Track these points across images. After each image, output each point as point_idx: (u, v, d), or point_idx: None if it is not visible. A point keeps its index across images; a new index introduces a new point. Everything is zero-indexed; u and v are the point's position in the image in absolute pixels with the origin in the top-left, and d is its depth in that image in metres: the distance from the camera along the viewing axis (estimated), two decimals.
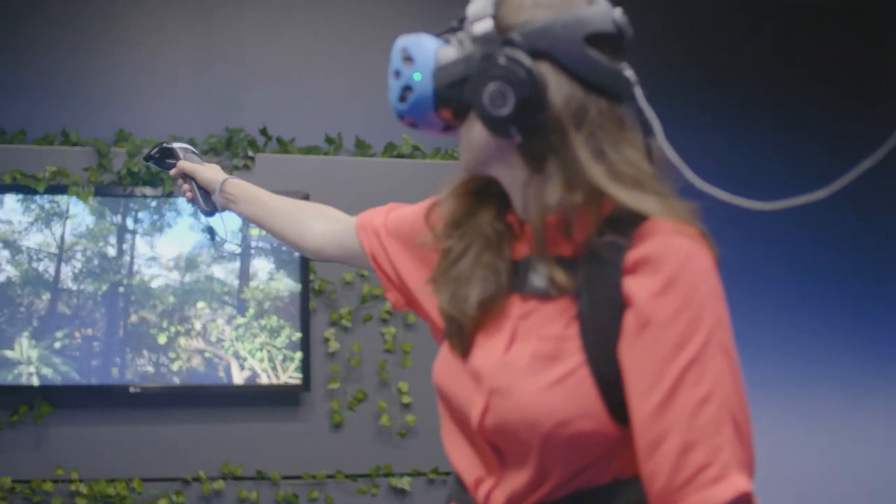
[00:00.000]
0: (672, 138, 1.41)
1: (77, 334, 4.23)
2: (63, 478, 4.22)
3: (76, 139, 4.35)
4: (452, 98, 1.43)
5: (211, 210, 2.11)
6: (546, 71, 1.35)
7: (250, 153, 4.45)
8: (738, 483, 1.22)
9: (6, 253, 4.19)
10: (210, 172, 2.10)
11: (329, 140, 4.59)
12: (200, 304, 4.33)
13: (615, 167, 1.35)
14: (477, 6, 1.42)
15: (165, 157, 2.16)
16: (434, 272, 1.55)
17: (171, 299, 4.30)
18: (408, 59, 1.46)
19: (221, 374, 4.33)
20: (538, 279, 1.44)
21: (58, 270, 4.22)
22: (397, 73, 1.46)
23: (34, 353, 4.19)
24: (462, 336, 1.48)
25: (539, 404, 1.34)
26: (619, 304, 1.33)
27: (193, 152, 2.15)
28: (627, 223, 1.35)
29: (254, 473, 4.36)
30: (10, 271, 4.20)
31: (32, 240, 4.21)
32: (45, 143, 4.34)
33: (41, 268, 4.22)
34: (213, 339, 4.32)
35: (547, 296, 1.42)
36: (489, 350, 1.45)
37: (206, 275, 4.33)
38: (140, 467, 4.29)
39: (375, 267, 1.79)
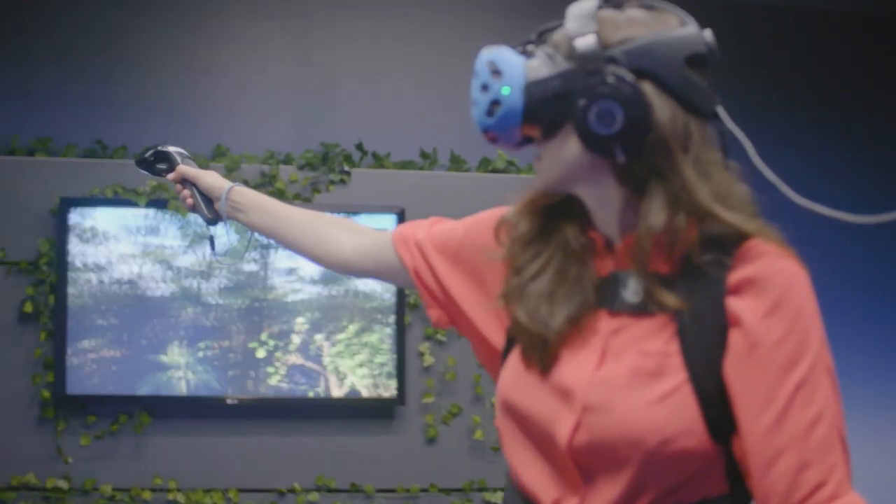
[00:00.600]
0: (764, 156, 1.41)
1: (177, 348, 4.30)
2: (161, 487, 4.29)
3: None
4: (544, 114, 1.41)
5: (214, 218, 1.96)
6: (649, 91, 1.35)
7: (346, 168, 4.48)
8: (853, 501, 1.26)
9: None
10: (213, 178, 1.95)
11: (424, 155, 4.61)
12: (300, 320, 4.37)
13: (719, 188, 1.36)
14: (577, 23, 1.40)
15: (159, 161, 2.00)
16: (506, 288, 1.53)
17: (271, 314, 4.35)
18: (496, 72, 1.43)
19: (318, 387, 4.36)
20: (631, 295, 1.43)
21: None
22: (485, 87, 1.43)
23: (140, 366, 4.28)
24: (545, 352, 1.46)
25: (644, 420, 1.32)
26: (723, 324, 1.34)
27: (188, 157, 2.01)
28: (727, 243, 1.36)
29: (348, 486, 4.39)
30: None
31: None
32: None
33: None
34: (312, 352, 4.36)
35: (640, 312, 1.41)
36: (578, 366, 1.43)
37: (305, 291, 4.38)
38: (236, 478, 4.34)
39: (417, 282, 1.72)
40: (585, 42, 1.38)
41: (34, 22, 4.51)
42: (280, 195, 4.38)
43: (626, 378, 1.37)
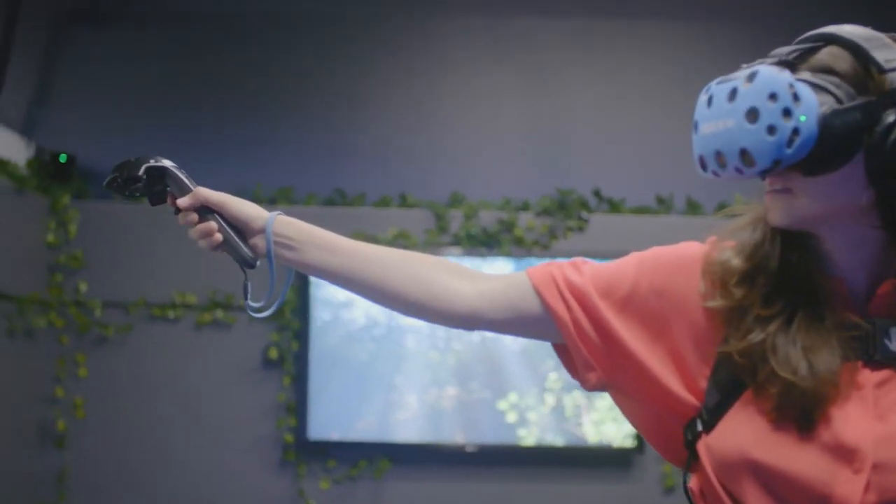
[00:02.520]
0: None
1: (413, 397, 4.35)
2: None
3: (413, 202, 4.48)
4: (834, 146, 1.31)
5: (254, 258, 1.51)
6: None
7: (583, 214, 4.46)
8: None
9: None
10: (246, 205, 1.51)
11: (660, 200, 4.56)
12: (553, 376, 4.36)
13: None
14: (883, 52, 1.33)
15: (152, 181, 1.52)
16: (738, 339, 1.40)
17: (515, 365, 4.37)
18: (796, 97, 1.31)
19: (558, 434, 4.34)
20: (892, 344, 1.37)
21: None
22: (787, 113, 1.30)
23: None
24: (810, 408, 1.37)
25: None
26: None
27: (187, 177, 1.52)
28: None
29: None
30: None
31: None
32: (382, 205, 4.48)
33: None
34: (553, 402, 4.35)
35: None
36: (852, 422, 1.35)
37: None
38: None
39: (575, 336, 1.47)
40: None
41: (276, 77, 4.64)
42: (518, 242, 4.40)
43: None
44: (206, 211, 1.50)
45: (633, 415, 1.52)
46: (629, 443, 4.33)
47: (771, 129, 1.30)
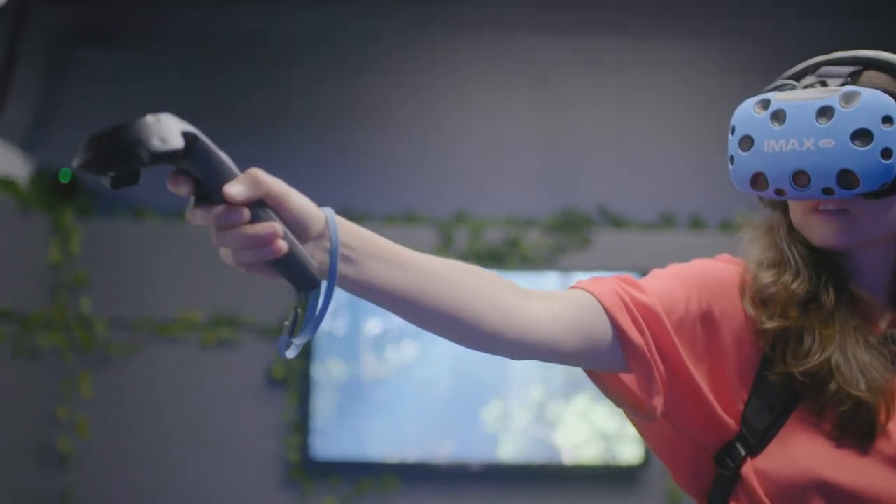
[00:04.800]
0: None
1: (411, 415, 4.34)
2: None
3: (419, 218, 4.47)
4: None
5: (319, 277, 1.05)
6: None
7: (589, 231, 4.48)
8: None
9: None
10: (308, 201, 1.08)
11: (664, 216, 4.58)
12: (537, 388, 4.36)
13: None
14: None
15: (170, 155, 0.95)
16: (797, 360, 1.40)
17: (505, 381, 4.37)
18: (888, 118, 1.32)
19: (557, 452, 4.34)
20: None
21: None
22: (891, 122, 1.32)
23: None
24: (871, 422, 1.38)
25: None
26: None
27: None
28: None
29: None
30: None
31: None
32: (388, 222, 4.47)
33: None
34: (550, 419, 4.35)
35: None
36: None
37: None
38: None
39: (651, 362, 1.34)
40: None
41: (281, 94, 4.63)
42: (524, 259, 4.40)
43: None
44: (259, 206, 1.01)
45: (664, 445, 1.47)
46: (634, 458, 4.33)
47: (886, 153, 1.31)
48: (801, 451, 1.38)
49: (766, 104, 1.37)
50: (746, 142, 1.37)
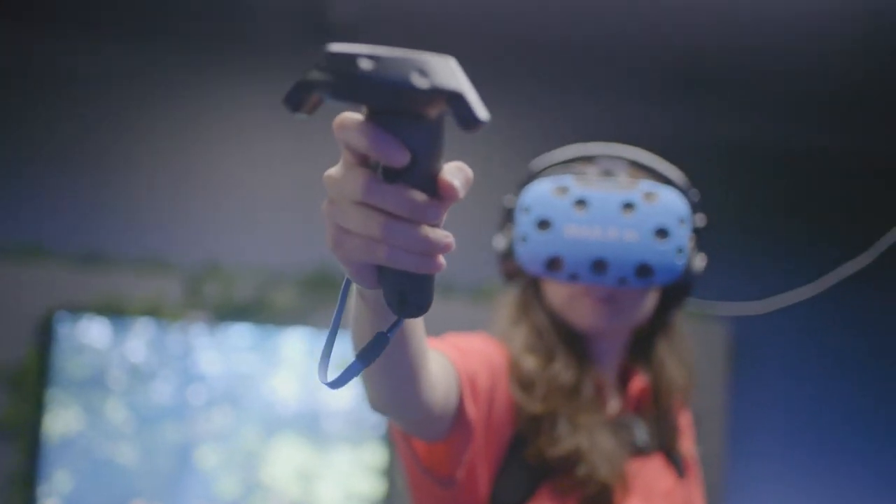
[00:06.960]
0: None
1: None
2: None
3: (168, 266, 4.34)
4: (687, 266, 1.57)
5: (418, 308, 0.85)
6: None
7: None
8: None
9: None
10: None
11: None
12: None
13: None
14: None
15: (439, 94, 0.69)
16: (551, 444, 1.44)
17: None
18: (683, 220, 1.42)
19: None
20: (642, 438, 1.53)
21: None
22: (688, 238, 1.45)
23: None
24: (610, 502, 1.46)
25: None
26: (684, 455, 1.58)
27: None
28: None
29: None
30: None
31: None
32: (132, 269, 4.32)
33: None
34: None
35: (644, 452, 1.53)
36: None
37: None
38: None
39: (472, 435, 1.34)
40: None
41: (33, 126, 4.41)
42: (274, 313, 4.34)
43: None
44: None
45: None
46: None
47: (680, 251, 1.40)
48: None
49: (564, 190, 1.40)
50: (545, 224, 1.40)
